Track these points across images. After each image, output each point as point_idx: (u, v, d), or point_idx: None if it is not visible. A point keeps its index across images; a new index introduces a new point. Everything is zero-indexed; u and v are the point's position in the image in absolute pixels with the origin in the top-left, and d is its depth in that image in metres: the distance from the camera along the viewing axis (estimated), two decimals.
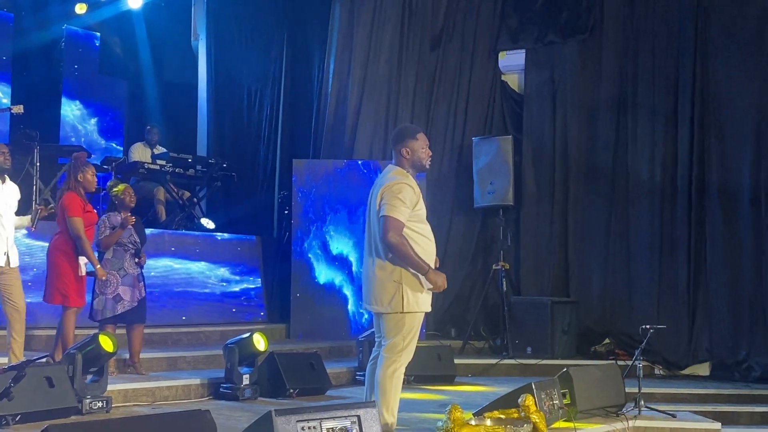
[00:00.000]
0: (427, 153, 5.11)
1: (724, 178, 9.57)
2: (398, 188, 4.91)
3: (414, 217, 4.95)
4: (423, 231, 5.00)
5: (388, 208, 4.87)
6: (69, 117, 12.04)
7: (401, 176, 5.00)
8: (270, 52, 12.24)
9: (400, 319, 4.94)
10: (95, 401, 6.18)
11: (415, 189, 4.97)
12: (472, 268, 10.98)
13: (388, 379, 4.94)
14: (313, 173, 10.41)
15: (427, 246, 4.99)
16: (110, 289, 7.28)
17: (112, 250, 7.39)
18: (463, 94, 11.19)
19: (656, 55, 10.12)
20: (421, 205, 5.00)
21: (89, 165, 7.39)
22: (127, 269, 7.39)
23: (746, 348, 9.32)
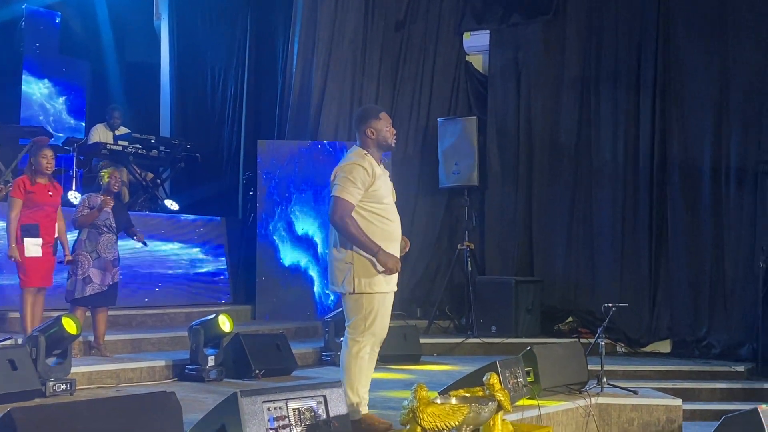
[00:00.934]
0: (391, 132, 5.08)
1: (686, 159, 9.69)
2: (349, 168, 4.89)
3: (370, 197, 4.92)
4: (380, 211, 4.95)
5: (337, 189, 4.87)
6: (36, 95, 11.90)
7: (357, 157, 4.97)
8: (234, 32, 12.14)
9: (356, 299, 4.92)
10: (59, 384, 6.15)
11: (370, 169, 4.90)
12: (438, 249, 11.04)
13: (351, 360, 4.95)
14: (278, 154, 10.37)
15: (386, 227, 4.95)
16: (81, 270, 7.30)
17: (86, 231, 7.40)
18: (427, 74, 11.21)
19: (619, 36, 10.20)
20: (378, 186, 4.93)
21: (44, 148, 7.33)
22: (100, 252, 7.38)
23: (706, 326, 9.47)
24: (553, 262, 10.38)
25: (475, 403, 4.48)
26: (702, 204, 9.58)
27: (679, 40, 9.84)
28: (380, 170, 5.02)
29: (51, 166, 7.24)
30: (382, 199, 4.96)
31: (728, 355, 9.15)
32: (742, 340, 9.19)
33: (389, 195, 5.05)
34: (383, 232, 4.93)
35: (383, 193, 4.98)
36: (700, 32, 9.71)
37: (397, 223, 5.04)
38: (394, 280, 5.02)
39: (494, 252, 10.71)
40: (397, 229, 5.03)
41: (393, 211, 5.03)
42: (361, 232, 4.83)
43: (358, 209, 4.90)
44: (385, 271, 4.85)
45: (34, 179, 7.05)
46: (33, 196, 6.99)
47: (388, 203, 5.00)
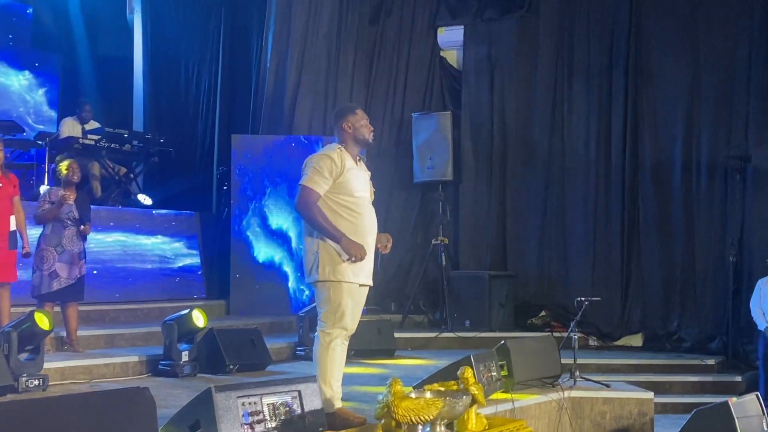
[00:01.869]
0: (368, 127, 5.11)
1: (657, 154, 9.79)
2: (317, 158, 4.96)
3: (338, 188, 4.95)
4: (349, 204, 4.97)
5: (303, 178, 4.94)
6: (14, 87, 11.84)
7: (328, 149, 5.03)
8: (208, 26, 12.08)
9: (323, 289, 4.95)
10: (32, 379, 6.11)
11: (339, 161, 4.94)
12: (412, 243, 11.06)
13: (322, 352, 4.95)
14: (252, 148, 10.35)
15: (354, 220, 4.96)
16: (46, 265, 7.20)
17: (50, 225, 7.29)
18: (402, 69, 11.23)
19: (591, 32, 10.27)
20: (348, 178, 4.96)
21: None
22: (66, 246, 7.29)
23: (677, 319, 9.59)
24: (526, 257, 10.45)
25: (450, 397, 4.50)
26: (673, 199, 9.68)
27: (650, 37, 9.94)
28: (353, 164, 5.03)
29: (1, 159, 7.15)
30: (352, 192, 4.98)
31: (699, 348, 9.27)
32: (712, 334, 9.31)
33: (363, 190, 5.06)
34: (351, 225, 4.94)
35: (354, 186, 4.99)
36: (671, 29, 9.82)
37: (368, 218, 5.03)
38: (364, 273, 5.01)
39: (468, 246, 10.75)
40: (368, 224, 5.02)
41: (365, 206, 5.04)
42: (324, 219, 4.87)
43: (326, 200, 4.94)
44: (349, 258, 4.86)
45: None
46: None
47: (359, 197, 5.01)
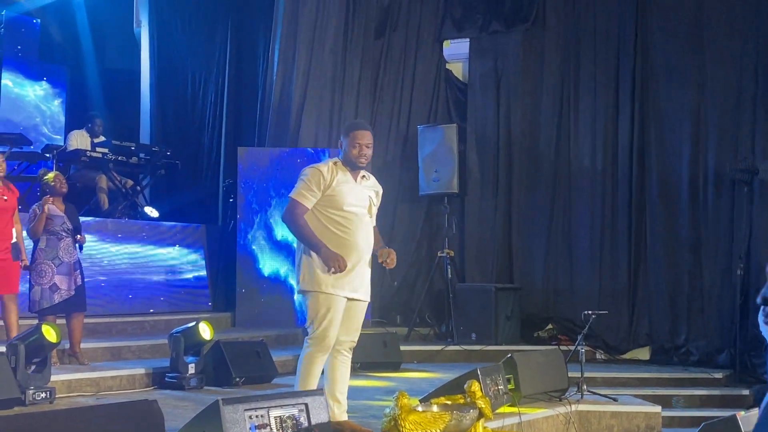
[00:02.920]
0: (359, 151, 5.10)
1: (664, 167, 9.78)
2: (308, 171, 5.08)
3: (327, 201, 5.05)
4: (338, 218, 5.05)
5: (292, 190, 5.09)
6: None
7: (323, 162, 5.17)
8: (214, 39, 12.12)
9: (305, 299, 5.09)
10: (39, 392, 6.11)
11: (329, 174, 5.04)
12: (417, 256, 11.05)
13: (303, 364, 5.06)
14: (258, 161, 10.36)
15: (342, 234, 5.04)
16: (46, 279, 7.15)
17: (45, 239, 7.22)
18: (407, 82, 11.24)
19: (597, 44, 10.28)
20: (337, 192, 5.04)
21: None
22: (62, 257, 7.26)
23: (685, 333, 9.55)
24: (532, 270, 10.43)
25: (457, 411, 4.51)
26: (680, 212, 9.67)
27: (656, 49, 9.94)
28: (348, 179, 5.09)
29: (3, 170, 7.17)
30: (341, 206, 5.05)
31: (706, 362, 9.23)
32: (720, 347, 9.27)
33: (356, 206, 5.10)
34: (337, 239, 5.02)
35: (345, 200, 5.06)
36: (677, 42, 9.82)
37: (359, 234, 5.08)
38: (350, 286, 5.04)
39: (474, 259, 10.74)
40: (359, 239, 5.07)
41: (355, 221, 5.09)
42: (307, 230, 5.00)
43: (314, 212, 5.06)
44: (329, 269, 4.92)
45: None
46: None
47: (349, 212, 5.07)
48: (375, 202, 5.28)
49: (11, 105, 11.96)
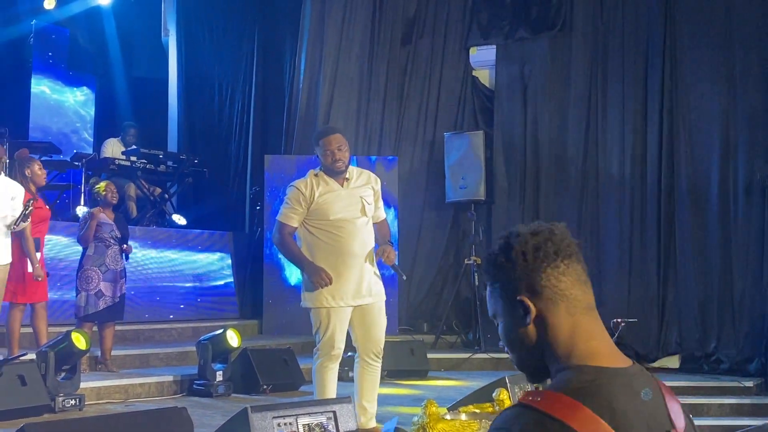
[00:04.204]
0: (332, 157, 5.16)
1: (693, 173, 9.68)
2: (288, 191, 5.26)
3: (313, 214, 5.16)
4: (326, 227, 5.15)
5: (279, 212, 5.27)
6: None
7: (301, 179, 5.27)
8: (241, 47, 12.18)
9: (309, 314, 5.25)
10: (68, 399, 6.17)
11: (308, 189, 5.14)
12: (444, 263, 11.01)
13: (315, 376, 5.21)
14: (285, 168, 10.39)
15: (333, 242, 5.13)
16: (92, 285, 7.28)
17: (93, 246, 7.38)
18: (434, 89, 11.21)
19: (625, 51, 10.20)
20: (321, 202, 5.14)
21: (34, 159, 7.37)
22: (109, 265, 7.38)
23: (715, 341, 9.43)
24: None
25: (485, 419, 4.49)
26: (710, 218, 9.56)
27: (685, 55, 9.85)
28: (332, 187, 5.17)
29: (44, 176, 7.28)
30: (328, 217, 5.14)
31: (737, 370, 9.12)
32: (750, 356, 9.15)
33: (343, 212, 5.15)
34: (329, 247, 5.12)
35: (331, 209, 5.14)
36: (706, 46, 9.72)
37: (350, 239, 5.15)
38: (349, 294, 5.07)
39: None
40: (351, 244, 5.13)
41: (345, 227, 5.16)
42: (293, 249, 5.17)
43: (305, 226, 5.20)
44: (316, 285, 5.05)
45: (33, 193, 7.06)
46: (39, 211, 7.02)
47: (338, 219, 5.14)
48: (369, 201, 5.27)
49: (50, 112, 12.14)
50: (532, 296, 1.76)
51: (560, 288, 1.77)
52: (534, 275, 1.76)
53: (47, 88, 12.13)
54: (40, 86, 12.04)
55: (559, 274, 1.77)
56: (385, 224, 5.44)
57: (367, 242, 5.18)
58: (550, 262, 1.77)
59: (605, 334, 1.79)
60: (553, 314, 1.76)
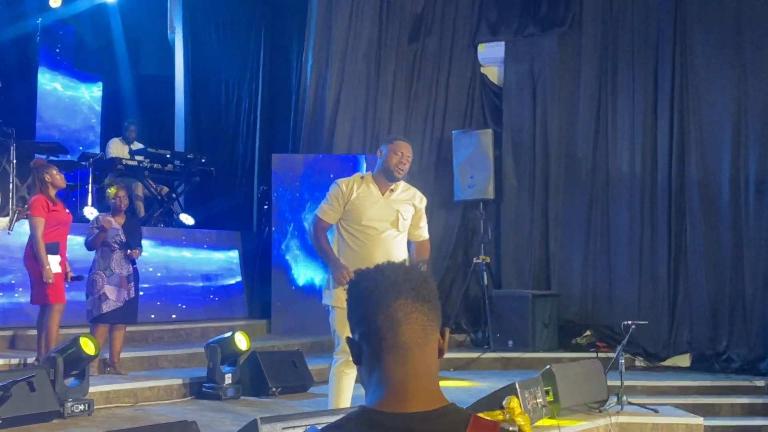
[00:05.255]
0: (399, 161, 5.16)
1: (704, 172, 9.62)
2: (331, 187, 5.25)
3: (346, 215, 5.19)
4: (355, 232, 5.17)
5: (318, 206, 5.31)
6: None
7: (347, 178, 5.28)
8: (248, 45, 12.13)
9: (329, 313, 5.23)
10: (77, 404, 6.15)
11: (347, 189, 5.16)
12: (453, 262, 10.95)
13: (332, 381, 5.20)
14: (292, 167, 10.34)
15: (358, 248, 5.15)
16: (96, 288, 7.28)
17: (100, 250, 7.39)
18: (442, 87, 11.13)
19: (635, 47, 10.13)
20: (356, 206, 5.15)
21: (50, 165, 7.38)
22: (114, 269, 7.36)
23: (726, 339, 9.39)
24: (570, 276, 10.30)
25: None
26: (721, 216, 9.50)
27: (696, 51, 9.78)
28: (372, 192, 5.14)
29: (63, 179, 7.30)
30: (359, 221, 5.15)
31: (748, 369, 9.07)
32: (762, 354, 9.11)
33: (376, 220, 5.14)
34: (354, 253, 5.14)
35: (362, 215, 5.14)
36: (717, 43, 9.65)
37: (376, 249, 5.14)
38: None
39: (510, 265, 10.63)
40: (375, 254, 5.09)
41: (374, 236, 5.16)
42: (322, 244, 5.17)
43: (339, 227, 5.23)
44: (336, 282, 5.05)
45: (53, 198, 7.07)
46: (56, 215, 7.02)
47: (368, 226, 5.14)
48: (406, 216, 5.23)
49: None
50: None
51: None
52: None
53: (59, 85, 12.11)
54: (54, 83, 12.03)
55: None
56: (424, 245, 5.43)
57: (392, 255, 5.12)
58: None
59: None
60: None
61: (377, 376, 1.74)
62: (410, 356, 1.73)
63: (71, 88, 12.18)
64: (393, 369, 1.73)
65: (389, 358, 1.73)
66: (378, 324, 1.73)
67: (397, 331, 1.72)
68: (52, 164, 7.42)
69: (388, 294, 1.73)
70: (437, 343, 1.78)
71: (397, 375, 1.73)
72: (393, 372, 1.73)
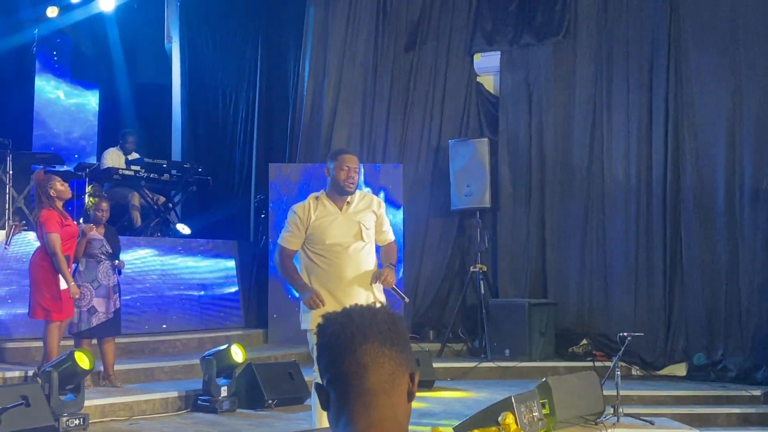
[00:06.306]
0: (347, 173, 5.22)
1: (699, 180, 9.63)
2: (289, 214, 5.34)
3: (310, 238, 5.25)
4: (321, 251, 5.24)
5: (280, 235, 5.40)
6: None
7: (300, 202, 5.34)
8: (244, 54, 12.13)
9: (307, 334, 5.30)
10: (72, 419, 6.15)
11: (305, 213, 5.22)
12: (449, 271, 10.96)
13: (313, 393, 5.30)
14: (289, 176, 10.35)
15: (327, 267, 5.22)
16: (84, 301, 7.21)
17: (84, 261, 7.32)
18: (438, 96, 11.14)
19: (630, 56, 10.15)
20: (316, 226, 5.21)
21: (53, 177, 7.34)
22: (101, 280, 7.32)
23: (722, 348, 9.38)
24: (566, 284, 10.31)
25: None
26: (716, 225, 9.51)
27: (690, 58, 9.79)
28: (331, 211, 5.23)
29: (68, 190, 7.27)
30: (324, 241, 5.22)
31: (744, 378, 9.06)
32: (758, 363, 9.10)
33: (339, 236, 5.22)
34: (324, 272, 5.22)
35: (325, 234, 5.21)
36: (711, 50, 9.66)
37: (345, 265, 5.22)
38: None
39: (507, 274, 10.64)
40: (345, 270, 5.20)
41: (340, 253, 5.23)
42: (289, 271, 5.29)
43: (304, 250, 5.30)
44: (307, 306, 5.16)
45: (63, 211, 7.05)
46: (68, 229, 7.00)
47: (333, 244, 5.22)
48: (368, 225, 5.28)
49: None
50: None
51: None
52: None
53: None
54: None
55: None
56: (391, 247, 5.46)
57: (362, 267, 5.22)
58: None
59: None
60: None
61: (344, 422, 1.72)
62: (377, 403, 1.71)
63: (76, 95, 12.22)
64: (359, 416, 1.71)
65: (356, 405, 1.72)
66: (345, 369, 1.72)
67: (364, 377, 1.71)
68: (55, 177, 7.37)
69: (354, 338, 1.72)
70: (406, 386, 1.76)
71: (363, 422, 1.71)
72: (359, 419, 1.71)
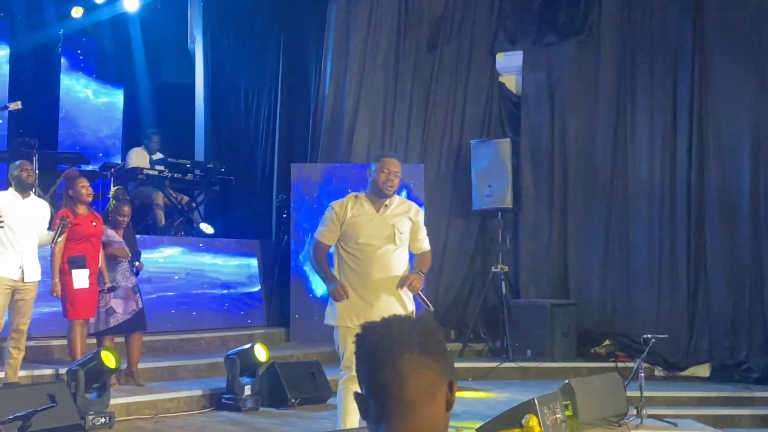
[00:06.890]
0: (386, 176, 5.34)
1: (723, 180, 9.57)
2: (326, 211, 5.46)
3: (344, 236, 5.36)
4: (352, 251, 5.34)
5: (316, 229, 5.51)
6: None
7: (339, 199, 5.46)
8: (267, 54, 12.18)
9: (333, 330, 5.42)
10: (98, 417, 6.21)
11: (341, 210, 5.34)
12: (471, 271, 10.95)
13: (340, 397, 5.34)
14: (310, 176, 10.38)
15: (355, 266, 5.31)
16: (102, 302, 7.27)
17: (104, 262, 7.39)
18: (460, 96, 11.11)
19: (654, 56, 10.10)
20: (350, 225, 5.31)
21: (80, 178, 7.40)
22: (120, 282, 7.38)
23: (746, 349, 9.34)
24: (588, 285, 10.28)
25: None
26: (740, 227, 9.45)
27: (714, 58, 9.74)
28: (367, 211, 5.33)
29: (91, 194, 7.33)
30: (356, 240, 5.32)
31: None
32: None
33: (371, 237, 5.30)
34: (353, 272, 5.33)
35: (358, 234, 5.30)
36: (735, 51, 9.60)
37: (374, 266, 5.30)
38: (368, 317, 5.08)
39: (529, 274, 10.61)
40: (371, 271, 5.29)
41: (371, 253, 5.31)
42: (320, 262, 5.40)
43: (338, 247, 5.41)
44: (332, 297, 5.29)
45: (76, 211, 7.11)
46: (79, 228, 7.05)
47: (364, 243, 5.31)
48: (403, 230, 5.31)
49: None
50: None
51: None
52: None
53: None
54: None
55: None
56: (424, 256, 5.54)
57: (391, 270, 5.26)
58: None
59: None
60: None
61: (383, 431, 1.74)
62: (416, 413, 1.73)
63: (105, 94, 12.32)
64: (398, 425, 1.73)
65: (395, 415, 1.74)
66: (383, 379, 1.74)
67: (403, 387, 1.73)
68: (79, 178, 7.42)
69: (393, 349, 1.74)
70: (445, 396, 1.78)
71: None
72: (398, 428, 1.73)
